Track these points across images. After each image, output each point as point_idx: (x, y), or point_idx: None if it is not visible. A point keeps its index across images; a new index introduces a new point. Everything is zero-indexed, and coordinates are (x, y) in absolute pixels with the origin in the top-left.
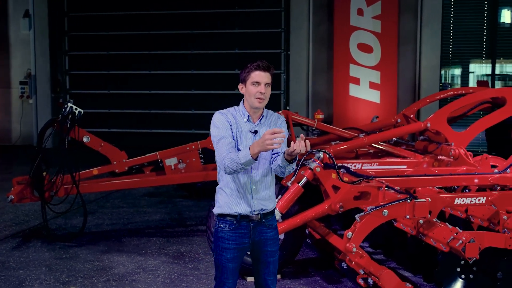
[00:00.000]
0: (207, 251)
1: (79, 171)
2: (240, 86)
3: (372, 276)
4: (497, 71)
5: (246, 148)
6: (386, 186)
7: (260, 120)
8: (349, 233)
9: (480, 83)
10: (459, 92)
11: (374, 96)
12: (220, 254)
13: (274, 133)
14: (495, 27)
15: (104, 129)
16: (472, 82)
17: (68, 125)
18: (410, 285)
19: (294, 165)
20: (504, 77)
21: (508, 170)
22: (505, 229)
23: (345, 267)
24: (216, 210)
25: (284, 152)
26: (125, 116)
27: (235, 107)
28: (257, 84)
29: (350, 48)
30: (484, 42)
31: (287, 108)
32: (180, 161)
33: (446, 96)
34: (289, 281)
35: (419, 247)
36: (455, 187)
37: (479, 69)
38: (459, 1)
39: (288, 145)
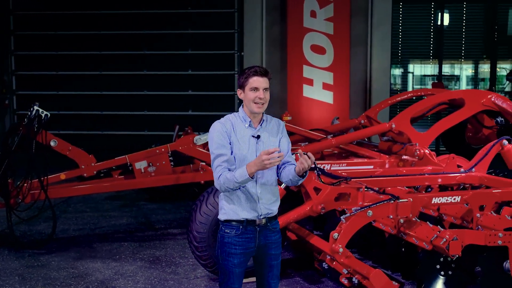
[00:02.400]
0: (182, 255)
1: (47, 176)
2: (239, 91)
3: (357, 275)
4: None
5: (243, 167)
6: (366, 187)
7: (261, 125)
8: (335, 234)
9: (436, 85)
10: (419, 94)
11: (327, 97)
12: (227, 260)
13: (270, 153)
14: (442, 29)
15: (53, 131)
16: (419, 83)
17: (35, 129)
18: (397, 284)
19: (306, 175)
20: (449, 77)
21: (473, 169)
22: (479, 227)
23: (326, 267)
24: (221, 217)
25: (294, 169)
26: (75, 118)
27: (235, 113)
28: (255, 89)
29: (303, 49)
30: (431, 44)
31: None
32: (150, 164)
33: (407, 97)
34: None
35: (399, 246)
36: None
37: (427, 70)
38: (408, 4)
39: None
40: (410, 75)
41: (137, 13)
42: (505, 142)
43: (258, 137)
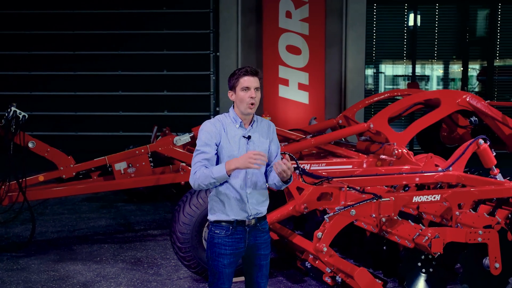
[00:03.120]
0: (164, 256)
1: (25, 178)
2: (230, 93)
3: (340, 274)
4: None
5: (222, 164)
6: (348, 187)
7: (252, 125)
8: (319, 233)
9: (411, 85)
10: (395, 94)
11: (303, 97)
12: (217, 260)
13: (258, 154)
14: (415, 30)
15: (26, 132)
16: (391, 83)
17: (13, 130)
18: (380, 282)
19: (291, 181)
20: (420, 77)
21: (451, 168)
22: (458, 224)
23: (309, 266)
24: (211, 217)
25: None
26: (49, 119)
27: (225, 113)
28: (247, 89)
29: (279, 50)
30: (405, 44)
31: (217, 109)
32: (130, 165)
33: (384, 98)
34: None
35: (381, 244)
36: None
37: (398, 70)
38: (381, 5)
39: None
40: (382, 75)
41: (112, 12)
42: (481, 141)
43: (249, 137)
